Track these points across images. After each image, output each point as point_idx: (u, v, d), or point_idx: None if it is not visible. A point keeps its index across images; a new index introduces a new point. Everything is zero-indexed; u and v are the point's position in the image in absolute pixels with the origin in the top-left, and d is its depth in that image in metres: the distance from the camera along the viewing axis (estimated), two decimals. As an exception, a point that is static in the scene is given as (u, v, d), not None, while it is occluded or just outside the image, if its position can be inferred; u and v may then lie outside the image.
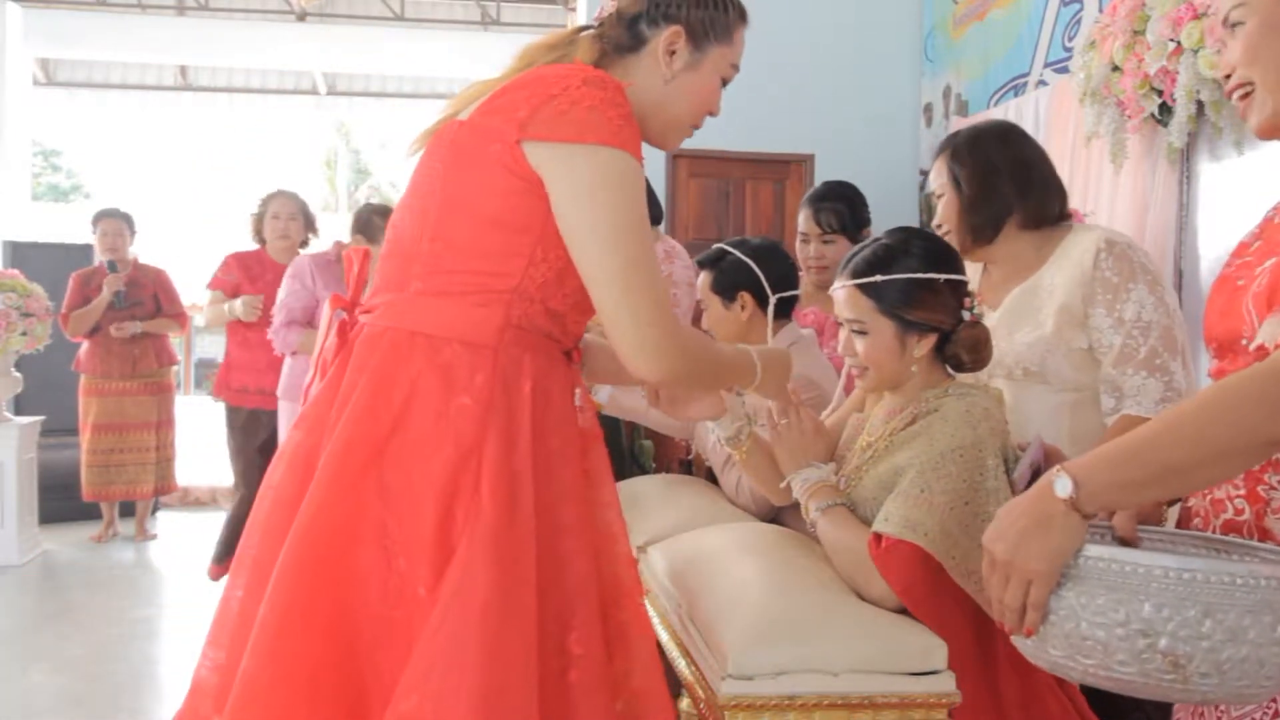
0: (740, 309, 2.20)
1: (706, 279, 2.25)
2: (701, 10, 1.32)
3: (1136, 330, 1.69)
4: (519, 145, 1.17)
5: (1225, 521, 1.18)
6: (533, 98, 1.18)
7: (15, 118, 7.16)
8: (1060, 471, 1.01)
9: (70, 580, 4.61)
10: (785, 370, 1.52)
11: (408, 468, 1.15)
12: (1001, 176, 1.81)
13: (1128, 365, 1.69)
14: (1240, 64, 1.14)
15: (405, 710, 1.07)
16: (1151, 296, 1.70)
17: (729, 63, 1.36)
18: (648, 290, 1.18)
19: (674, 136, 1.38)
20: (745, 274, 2.19)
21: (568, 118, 1.16)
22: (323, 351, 1.32)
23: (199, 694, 1.22)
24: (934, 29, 5.37)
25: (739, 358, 1.43)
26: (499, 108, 1.21)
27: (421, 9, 8.57)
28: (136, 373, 5.16)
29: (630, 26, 1.31)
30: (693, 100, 1.35)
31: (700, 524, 1.85)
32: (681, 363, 1.23)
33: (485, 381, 1.18)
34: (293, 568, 1.13)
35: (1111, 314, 1.70)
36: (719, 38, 1.34)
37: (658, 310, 1.19)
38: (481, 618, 1.09)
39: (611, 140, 1.17)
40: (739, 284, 2.19)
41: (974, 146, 1.86)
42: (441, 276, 1.21)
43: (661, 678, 1.31)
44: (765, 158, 5.39)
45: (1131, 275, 1.71)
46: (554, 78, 1.20)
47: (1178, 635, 0.95)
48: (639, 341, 1.18)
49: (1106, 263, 1.71)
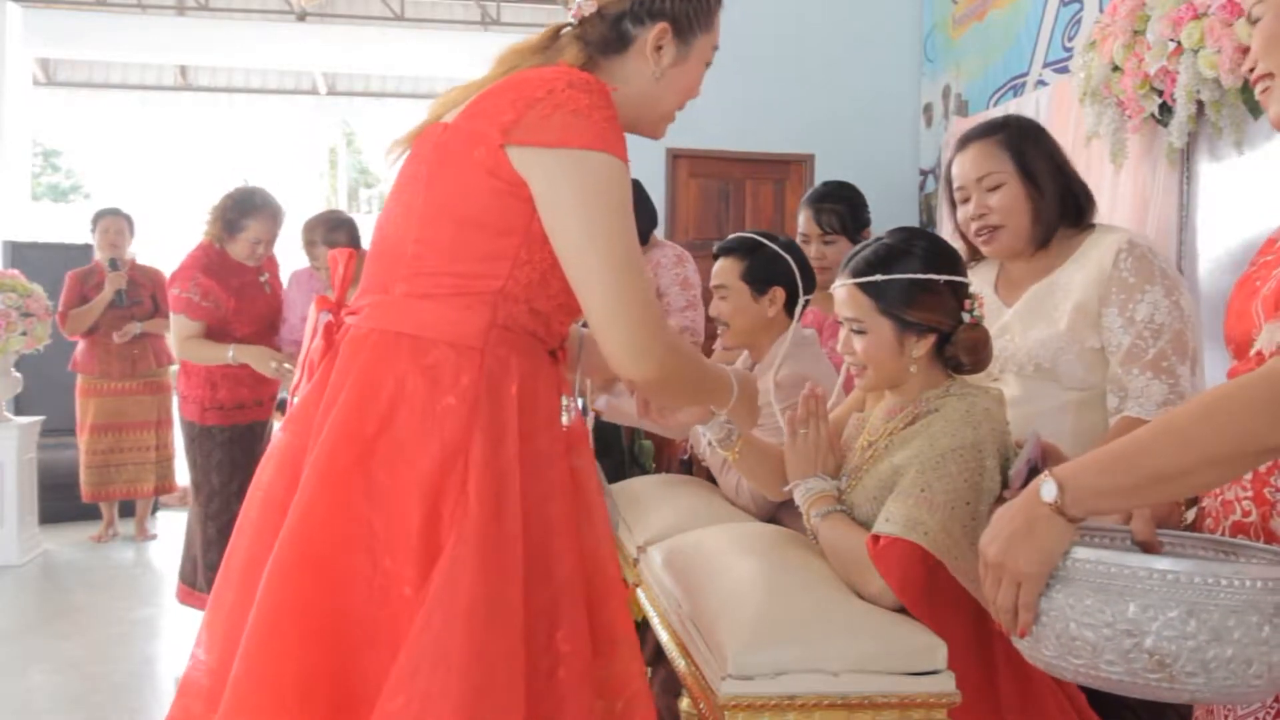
0: (769, 303, 2.16)
1: (735, 266, 2.18)
2: (685, 3, 1.31)
3: (1147, 332, 1.68)
4: (503, 149, 1.17)
5: (1234, 523, 1.18)
6: (517, 101, 1.18)
7: (15, 118, 7.15)
8: (1047, 476, 1.02)
9: (70, 580, 4.61)
10: (755, 398, 1.52)
11: (394, 468, 1.16)
12: (1067, 179, 1.79)
13: (1134, 365, 1.69)
14: (1260, 55, 1.14)
15: (392, 710, 1.07)
16: (1167, 300, 1.68)
17: (711, 46, 1.37)
18: (636, 292, 1.18)
19: (663, 126, 1.39)
20: (782, 269, 2.15)
21: (552, 122, 1.16)
22: (309, 353, 1.33)
23: (189, 695, 1.22)
24: (934, 29, 5.37)
25: (720, 374, 1.43)
26: (483, 111, 1.20)
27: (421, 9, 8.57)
28: (136, 373, 5.14)
29: (615, 25, 1.30)
30: (681, 91, 1.36)
31: (700, 524, 1.85)
32: (668, 365, 1.22)
33: (471, 382, 1.18)
34: (282, 569, 1.13)
35: (1124, 314, 1.69)
36: (702, 27, 1.33)
37: (646, 311, 1.19)
38: (467, 617, 1.09)
39: (596, 144, 1.17)
40: (774, 278, 2.15)
41: (1040, 140, 1.80)
42: (426, 279, 1.21)
43: (644, 677, 1.31)
44: (765, 158, 5.39)
45: (1149, 277, 1.69)
46: (539, 81, 1.20)
47: (1162, 635, 0.96)
48: (627, 343, 1.18)
49: (1126, 263, 1.70)
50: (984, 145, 1.80)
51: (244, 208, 3.53)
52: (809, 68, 5.30)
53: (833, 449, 1.64)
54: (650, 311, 1.20)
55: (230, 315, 3.49)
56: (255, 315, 3.57)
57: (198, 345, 3.46)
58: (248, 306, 3.54)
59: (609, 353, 1.20)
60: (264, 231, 3.55)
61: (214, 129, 11.11)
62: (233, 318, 3.50)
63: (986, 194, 1.79)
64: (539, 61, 1.29)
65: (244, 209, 3.53)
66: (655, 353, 1.20)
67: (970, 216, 1.82)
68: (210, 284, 3.45)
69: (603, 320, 1.19)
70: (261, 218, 3.54)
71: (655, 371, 1.21)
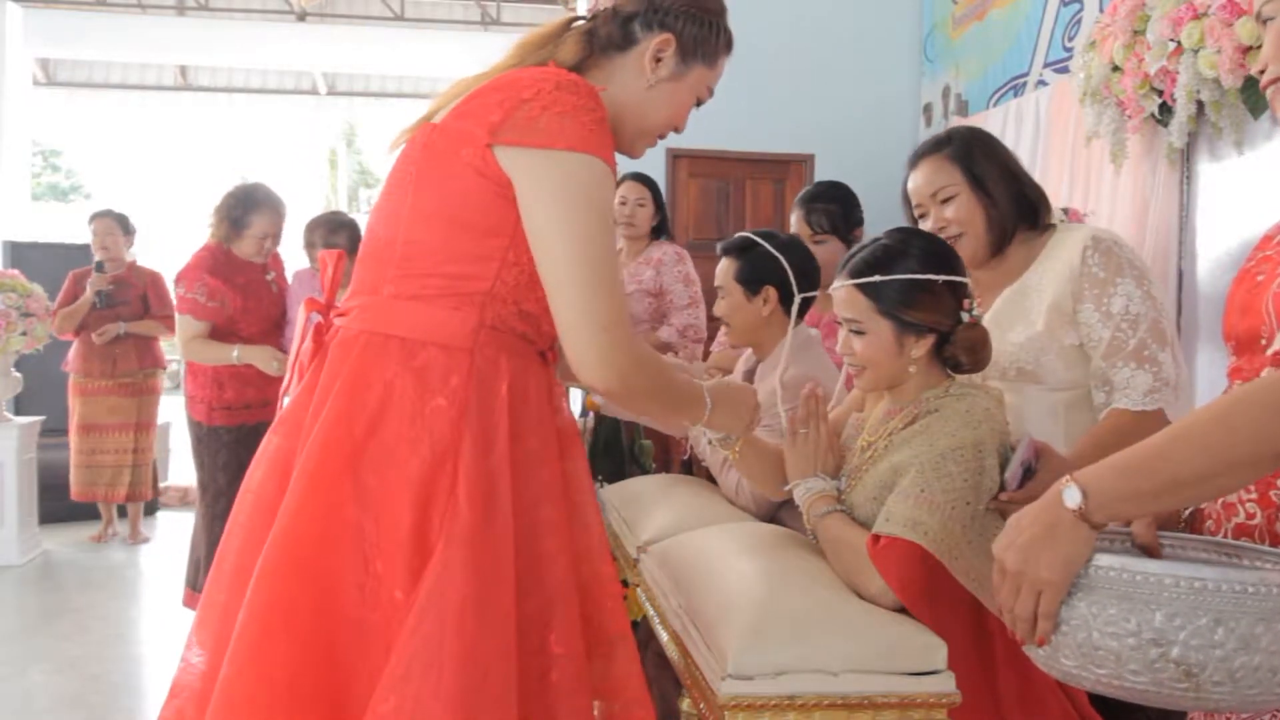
0: (763, 303, 2.16)
1: (730, 266, 2.20)
2: (695, 28, 1.33)
3: (1125, 323, 1.69)
4: (490, 149, 1.17)
5: (1237, 525, 1.18)
6: (505, 101, 1.18)
7: (15, 118, 7.16)
8: (1069, 481, 1.00)
9: (70, 580, 4.61)
10: (745, 407, 1.49)
11: (384, 470, 1.15)
12: (1019, 183, 1.81)
13: (1117, 358, 1.70)
14: (1271, 58, 1.14)
15: (384, 712, 1.07)
16: (1139, 290, 1.70)
17: (706, 85, 1.38)
18: (607, 296, 1.17)
19: (642, 144, 1.39)
20: (774, 268, 2.15)
21: (539, 123, 1.17)
22: (299, 355, 1.32)
23: (180, 695, 1.23)
24: (934, 29, 5.37)
25: (690, 391, 1.40)
26: (471, 111, 1.21)
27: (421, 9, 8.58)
28: (115, 373, 5.06)
29: (624, 25, 1.32)
30: (667, 111, 1.36)
31: (700, 524, 1.85)
32: (633, 374, 1.21)
33: (461, 383, 1.18)
34: (272, 571, 1.13)
35: (1100, 308, 1.71)
36: (705, 59, 1.35)
37: (614, 316, 1.18)
38: (458, 619, 1.09)
39: (582, 146, 1.17)
40: (765, 277, 2.16)
41: (988, 150, 1.83)
42: (415, 280, 1.21)
43: (642, 677, 1.31)
44: (765, 158, 5.39)
45: (1118, 270, 1.71)
46: (527, 81, 1.20)
47: (1190, 644, 0.94)
48: (592, 345, 1.17)
49: (1093, 259, 1.72)
50: (933, 161, 1.84)
51: (248, 204, 3.53)
52: (809, 68, 5.30)
53: (833, 449, 1.64)
54: (618, 319, 1.18)
55: (237, 314, 3.49)
56: (262, 314, 3.57)
57: (202, 345, 3.46)
58: (254, 305, 3.54)
59: (572, 357, 1.19)
60: (270, 226, 3.55)
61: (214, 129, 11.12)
62: (240, 316, 3.50)
63: (941, 206, 1.82)
64: (543, 56, 1.30)
65: (248, 205, 3.52)
66: (618, 363, 1.19)
67: (931, 229, 1.84)
68: (217, 284, 3.45)
69: (568, 323, 1.18)
70: (266, 212, 3.54)
71: (616, 382, 1.20)
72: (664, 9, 1.31)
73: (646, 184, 3.61)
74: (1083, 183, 3.56)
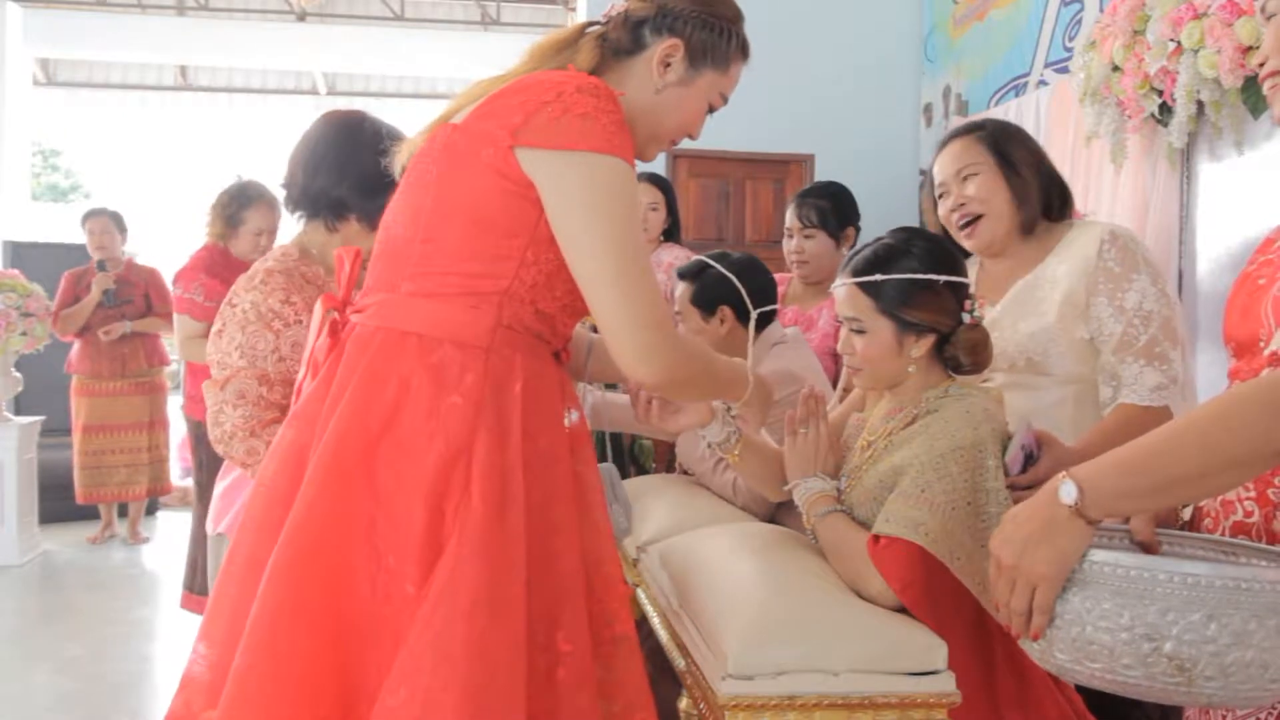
0: (720, 323, 2.21)
1: (686, 291, 2.25)
2: (705, 33, 1.33)
3: (1137, 319, 1.69)
4: (512, 151, 1.18)
5: (1235, 523, 1.18)
6: (527, 104, 1.19)
7: (15, 118, 7.16)
8: (1066, 477, 1.00)
9: (70, 580, 4.62)
10: (769, 394, 1.54)
11: (398, 466, 1.16)
12: (1047, 172, 1.83)
13: (1127, 353, 1.70)
14: (1271, 52, 1.14)
15: (393, 705, 1.08)
16: (1154, 287, 1.71)
17: (719, 91, 1.38)
18: (644, 294, 1.19)
19: (653, 148, 1.39)
20: (727, 288, 2.19)
21: (560, 125, 1.17)
22: (314, 350, 1.33)
23: (190, 689, 1.23)
24: (934, 29, 5.37)
25: (733, 368, 1.44)
26: (493, 112, 1.21)
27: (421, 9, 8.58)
28: (126, 373, 5.08)
29: (634, 30, 1.33)
30: (678, 116, 1.36)
31: (700, 524, 1.85)
32: (680, 366, 1.24)
33: (476, 381, 1.19)
34: (285, 565, 1.14)
35: (1113, 303, 1.71)
36: (715, 64, 1.35)
37: (655, 313, 1.20)
38: (469, 614, 1.09)
39: (604, 147, 1.18)
40: (719, 298, 2.21)
41: (1018, 136, 1.84)
42: (433, 278, 1.22)
43: (644, 679, 1.31)
44: (765, 158, 5.39)
45: (1134, 266, 1.71)
46: (549, 84, 1.21)
47: (1183, 639, 0.95)
48: (638, 345, 1.19)
49: (1110, 253, 1.72)
50: (962, 140, 1.85)
51: (241, 200, 3.58)
52: (809, 68, 5.30)
53: (832, 449, 1.64)
54: (658, 312, 1.20)
55: None
56: None
57: (200, 345, 3.45)
58: None
59: (618, 355, 1.21)
60: (264, 221, 3.58)
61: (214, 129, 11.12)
62: None
63: (963, 184, 1.82)
64: (560, 61, 1.31)
65: (241, 201, 3.58)
66: (664, 353, 1.21)
67: (950, 209, 1.85)
68: (214, 284, 3.47)
69: (611, 323, 1.19)
70: (259, 207, 3.59)
71: (664, 373, 1.22)
72: (673, 14, 1.32)
73: (660, 187, 3.63)
74: (1082, 183, 3.56)
